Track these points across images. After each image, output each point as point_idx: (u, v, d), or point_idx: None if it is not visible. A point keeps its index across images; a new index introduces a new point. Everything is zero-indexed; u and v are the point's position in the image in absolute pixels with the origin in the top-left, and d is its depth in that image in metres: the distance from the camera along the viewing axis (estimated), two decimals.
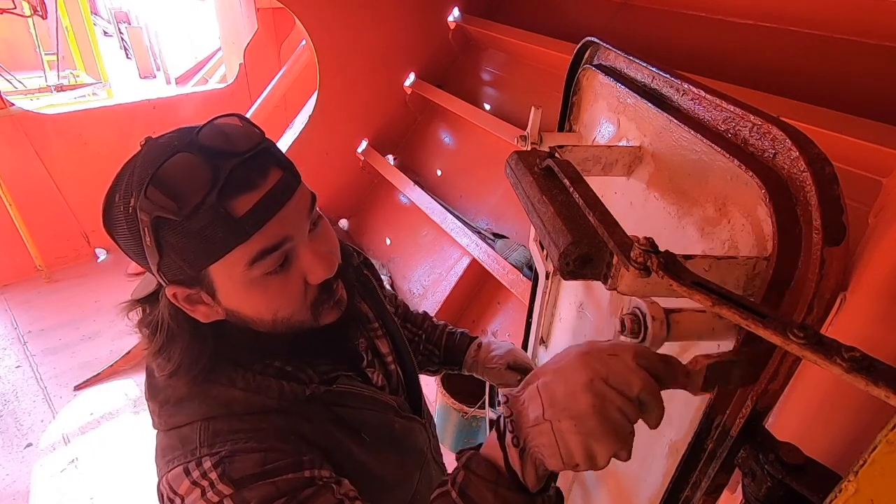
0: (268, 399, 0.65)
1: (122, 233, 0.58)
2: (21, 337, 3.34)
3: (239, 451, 0.60)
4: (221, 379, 0.64)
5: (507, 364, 1.08)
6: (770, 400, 0.51)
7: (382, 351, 0.87)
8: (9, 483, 2.46)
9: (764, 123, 0.54)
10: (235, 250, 0.56)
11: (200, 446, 0.61)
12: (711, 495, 0.59)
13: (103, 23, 10.48)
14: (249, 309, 0.63)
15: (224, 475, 0.58)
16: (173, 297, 0.61)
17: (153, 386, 0.68)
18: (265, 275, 0.60)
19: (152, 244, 0.55)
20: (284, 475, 0.60)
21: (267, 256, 0.58)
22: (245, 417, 0.63)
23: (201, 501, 0.58)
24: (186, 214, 0.53)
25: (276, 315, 0.64)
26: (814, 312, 0.46)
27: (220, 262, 0.57)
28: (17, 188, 3.55)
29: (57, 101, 5.40)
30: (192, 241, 0.55)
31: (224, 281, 0.60)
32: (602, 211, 0.50)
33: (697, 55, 1.81)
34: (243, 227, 0.56)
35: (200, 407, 0.63)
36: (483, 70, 2.84)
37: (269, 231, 0.57)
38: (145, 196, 0.53)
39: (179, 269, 0.58)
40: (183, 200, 0.53)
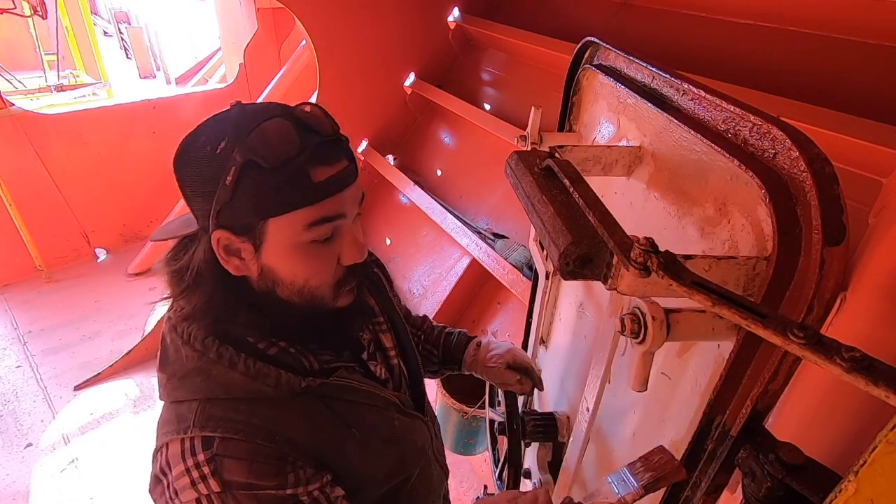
0: (265, 386, 0.67)
1: (195, 171, 0.63)
2: (21, 337, 3.35)
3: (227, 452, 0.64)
4: (224, 361, 0.67)
5: (506, 363, 1.08)
6: (770, 400, 0.51)
7: (386, 345, 0.89)
8: (9, 483, 2.46)
9: (764, 123, 0.54)
10: (302, 210, 0.63)
11: (193, 426, 0.65)
12: (711, 495, 0.59)
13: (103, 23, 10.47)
14: (286, 270, 0.67)
15: (216, 473, 0.62)
16: (217, 241, 0.65)
17: (165, 357, 0.71)
18: (312, 242, 0.66)
19: (231, 184, 0.60)
20: (268, 490, 0.63)
21: (323, 224, 0.65)
22: (240, 407, 0.66)
23: (190, 490, 0.62)
24: (275, 166, 0.60)
25: (306, 283, 0.68)
26: (814, 312, 0.46)
27: (284, 217, 0.63)
28: (17, 188, 3.55)
29: (57, 101, 5.39)
30: (270, 190, 0.61)
31: (276, 236, 0.64)
32: (602, 211, 0.50)
33: (697, 55, 1.81)
34: (317, 192, 0.63)
35: (202, 385, 0.67)
36: (483, 70, 2.84)
37: (332, 203, 0.64)
38: (246, 140, 0.60)
39: (243, 215, 0.63)
40: (276, 153, 0.60)
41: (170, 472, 0.65)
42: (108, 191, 4.03)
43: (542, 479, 1.16)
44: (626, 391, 0.86)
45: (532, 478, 1.23)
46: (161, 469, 0.66)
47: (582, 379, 1.02)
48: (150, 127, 4.10)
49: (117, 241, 4.22)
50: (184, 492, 0.63)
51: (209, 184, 0.62)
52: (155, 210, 4.20)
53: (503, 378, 1.08)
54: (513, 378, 1.07)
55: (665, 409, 0.74)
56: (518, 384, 1.07)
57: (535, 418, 1.15)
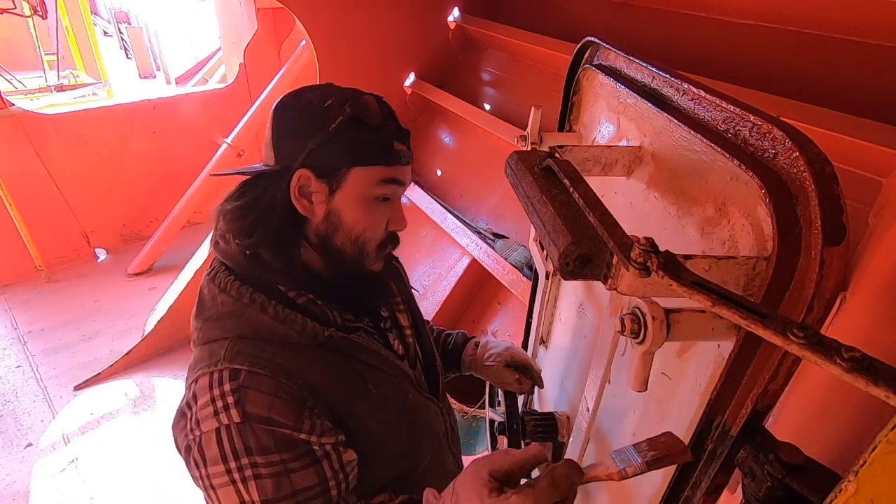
0: (291, 331, 0.73)
1: (298, 116, 0.75)
2: (21, 337, 3.34)
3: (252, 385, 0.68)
4: (256, 305, 0.73)
5: (504, 362, 1.08)
6: (770, 400, 0.51)
7: (403, 323, 0.94)
8: (9, 483, 2.46)
9: (764, 123, 0.54)
10: (381, 167, 0.76)
11: (223, 359, 0.70)
12: (711, 495, 0.59)
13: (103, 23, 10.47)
14: (351, 216, 0.76)
15: (238, 403, 0.66)
16: (297, 178, 0.74)
17: (201, 306, 0.77)
18: (376, 198, 0.77)
19: (334, 130, 0.73)
20: (285, 429, 0.67)
21: (389, 184, 0.77)
22: (266, 347, 0.72)
23: (212, 419, 0.67)
24: (373, 125, 0.75)
25: (363, 232, 0.77)
26: (814, 312, 0.46)
27: (366, 169, 0.75)
28: (17, 188, 3.55)
29: (57, 101, 5.40)
30: (364, 143, 0.74)
31: (354, 184, 0.75)
32: (602, 211, 0.50)
33: (697, 55, 1.81)
34: (394, 157, 0.77)
35: (234, 325, 0.73)
36: (483, 70, 2.84)
37: (400, 171, 0.78)
38: (355, 101, 0.74)
39: (333, 158, 0.74)
40: (376, 117, 0.76)
41: (195, 403, 0.69)
42: (108, 191, 4.03)
43: None
44: (626, 391, 0.86)
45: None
46: (187, 402, 0.70)
47: (582, 379, 1.02)
48: (150, 127, 4.10)
49: (117, 241, 4.22)
50: (205, 421, 0.67)
51: (309, 128, 0.73)
52: (155, 210, 4.20)
53: (501, 377, 1.08)
54: (511, 377, 1.07)
55: (665, 409, 0.74)
56: (516, 383, 1.08)
57: (535, 418, 1.15)
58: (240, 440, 0.66)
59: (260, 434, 0.66)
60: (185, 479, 0.74)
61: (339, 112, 0.73)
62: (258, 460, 0.66)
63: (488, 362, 1.09)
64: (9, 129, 3.50)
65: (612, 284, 0.48)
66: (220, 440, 0.66)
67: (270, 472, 0.66)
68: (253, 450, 0.66)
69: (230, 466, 0.66)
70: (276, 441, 0.67)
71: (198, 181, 4.00)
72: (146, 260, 3.96)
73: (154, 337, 3.13)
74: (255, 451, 0.66)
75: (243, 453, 0.66)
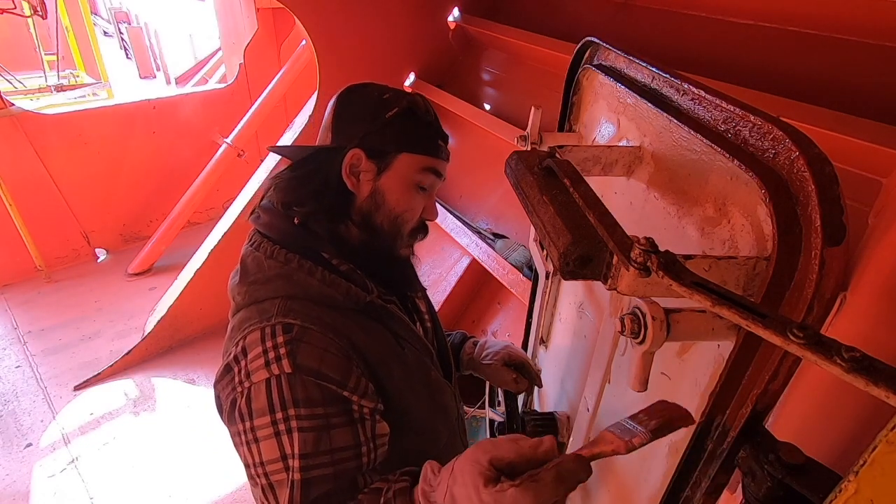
0: (336, 294, 0.79)
1: (359, 104, 0.84)
2: (21, 337, 3.34)
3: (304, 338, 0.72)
4: (304, 269, 0.78)
5: (502, 361, 1.08)
6: (770, 400, 0.51)
7: (421, 309, 1.01)
8: (9, 483, 2.46)
9: (764, 123, 0.54)
10: (426, 157, 0.84)
11: (276, 315, 0.74)
12: (711, 495, 0.59)
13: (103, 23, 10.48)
14: (394, 196, 0.83)
15: (291, 354, 0.70)
16: (350, 156, 0.82)
17: (245, 272, 0.81)
18: (417, 185, 0.85)
19: (389, 118, 0.82)
20: (332, 384, 0.71)
21: (431, 173, 0.85)
22: (315, 307, 0.76)
23: (263, 370, 0.69)
24: (424, 121, 0.85)
25: (403, 213, 0.84)
26: (814, 312, 0.46)
27: (413, 156, 0.83)
28: (17, 188, 3.55)
29: (57, 101, 5.39)
30: (415, 133, 0.84)
31: (401, 167, 0.83)
32: (602, 211, 0.50)
33: (697, 55, 1.80)
34: (438, 150, 0.87)
35: (284, 286, 0.77)
36: (483, 70, 2.84)
37: (441, 164, 0.87)
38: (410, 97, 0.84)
39: (385, 142, 0.82)
40: (428, 113, 0.86)
41: (244, 357, 0.72)
42: (108, 191, 4.03)
43: None
44: (626, 391, 0.86)
45: None
46: (235, 357, 0.73)
47: (582, 379, 1.02)
48: (150, 127, 4.10)
49: (117, 241, 4.22)
50: (256, 372, 0.70)
51: (367, 114, 0.82)
52: (155, 210, 4.20)
53: (499, 376, 1.08)
54: (509, 376, 1.08)
55: None
56: (514, 383, 1.08)
57: (535, 418, 1.15)
58: (289, 391, 0.68)
59: (309, 386, 0.69)
60: (185, 478, 0.74)
61: (396, 103, 0.82)
62: (303, 412, 0.68)
63: (486, 361, 1.09)
64: (9, 129, 3.50)
65: (612, 284, 0.48)
66: (269, 390, 0.68)
67: (313, 426, 0.69)
68: (300, 401, 0.68)
69: (276, 417, 0.68)
70: (322, 394, 0.70)
71: (198, 181, 4.00)
72: (146, 260, 3.96)
73: (154, 337, 3.13)
74: (301, 403, 0.68)
75: (290, 404, 0.68)
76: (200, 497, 2.34)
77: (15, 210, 3.53)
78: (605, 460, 0.96)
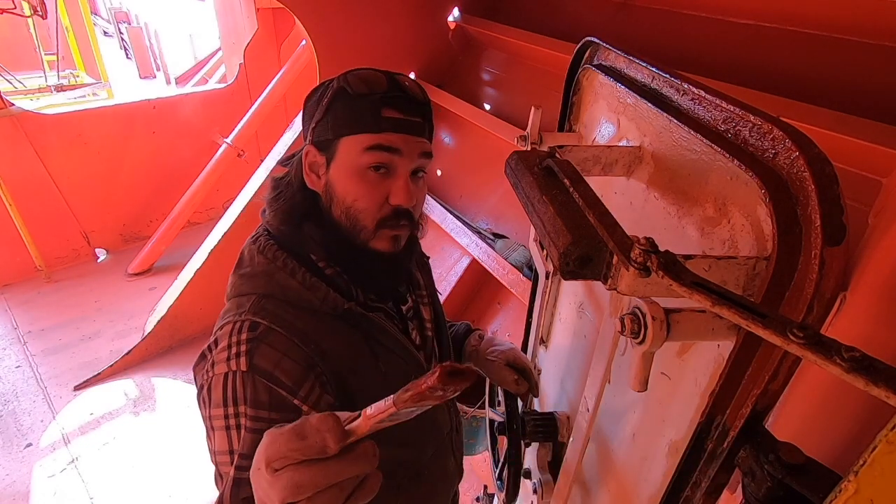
0: (314, 298, 0.77)
1: (312, 99, 0.82)
2: (21, 337, 3.35)
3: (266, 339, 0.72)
4: (287, 269, 0.78)
5: (506, 360, 1.08)
6: (770, 400, 0.51)
7: (424, 316, 0.97)
8: (9, 483, 2.46)
9: (764, 123, 0.54)
10: (366, 134, 0.76)
11: (247, 311, 0.75)
12: (711, 495, 0.59)
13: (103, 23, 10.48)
14: (341, 187, 0.79)
15: (249, 353, 0.70)
16: (305, 155, 0.80)
17: (240, 263, 0.83)
18: (366, 167, 0.77)
19: (325, 104, 0.78)
20: (283, 389, 0.70)
21: (377, 150, 0.76)
22: (289, 309, 0.76)
23: (224, 364, 0.71)
24: (355, 94, 0.77)
25: (353, 203, 0.78)
26: (814, 312, 0.46)
27: (352, 138, 0.77)
28: (17, 188, 3.55)
29: (57, 101, 5.39)
30: (348, 113, 0.77)
31: (343, 154, 0.78)
32: (602, 211, 0.50)
33: (697, 55, 1.80)
34: (380, 122, 0.76)
35: (263, 284, 0.78)
36: (483, 70, 2.84)
37: (391, 137, 0.77)
38: (344, 77, 0.79)
39: (326, 131, 0.78)
40: (360, 87, 0.77)
41: (215, 347, 0.73)
42: (108, 191, 4.03)
43: (542, 479, 1.16)
44: (626, 391, 0.86)
45: (532, 478, 1.23)
46: (209, 345, 0.75)
47: (582, 379, 1.02)
48: (150, 127, 4.10)
49: (117, 241, 4.23)
50: (218, 365, 0.71)
51: (313, 107, 0.80)
52: (155, 210, 4.20)
53: (501, 374, 1.08)
54: (511, 376, 1.07)
55: (665, 409, 0.74)
56: (515, 383, 1.08)
57: (535, 418, 1.15)
58: (241, 388, 0.69)
59: (259, 387, 0.69)
60: (185, 478, 0.75)
61: (331, 86, 0.79)
62: (249, 412, 0.69)
63: (490, 356, 1.09)
64: (9, 129, 3.50)
65: (612, 284, 0.48)
66: (225, 385, 0.70)
67: (256, 427, 0.68)
68: (249, 400, 0.69)
69: (228, 412, 0.69)
70: (270, 398, 0.69)
71: (198, 181, 4.00)
72: (146, 260, 3.96)
73: (154, 337, 3.13)
74: (249, 403, 0.69)
75: (241, 401, 0.69)
76: (200, 497, 2.35)
77: (15, 210, 3.53)
78: (605, 459, 0.96)
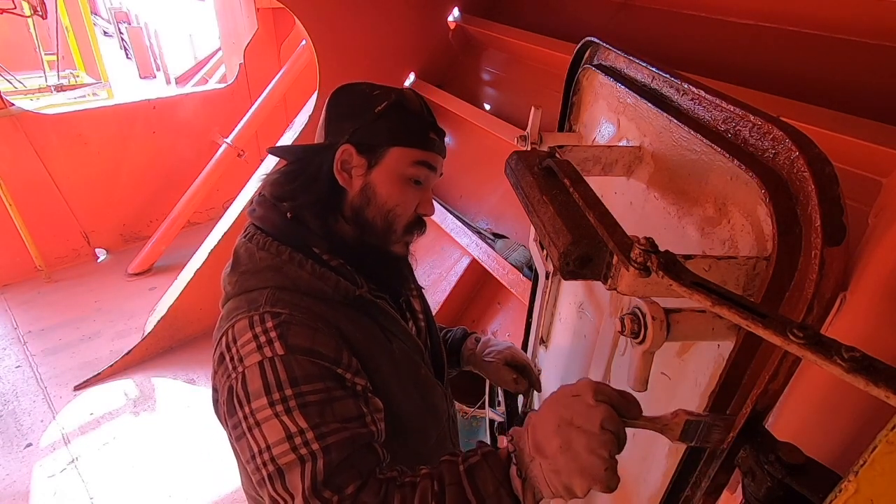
0: (325, 286, 0.79)
1: (349, 101, 0.85)
2: (21, 337, 3.34)
3: (294, 321, 0.73)
4: (294, 262, 0.79)
5: (504, 360, 1.08)
6: (770, 400, 0.51)
7: (416, 307, 1.01)
8: (9, 483, 2.46)
9: (764, 123, 0.54)
10: (416, 150, 0.84)
11: (264, 304, 0.74)
12: (711, 495, 0.59)
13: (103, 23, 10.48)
14: (385, 191, 0.83)
15: (282, 337, 0.71)
16: (341, 152, 0.82)
17: (237, 262, 0.83)
18: (409, 178, 0.84)
19: (379, 112, 0.82)
20: (326, 362, 0.72)
21: (423, 166, 0.84)
22: (304, 299, 0.77)
23: (255, 354, 0.70)
24: (415, 114, 0.85)
25: (394, 208, 0.84)
26: (814, 312, 0.46)
27: (403, 149, 0.83)
28: (17, 188, 3.55)
29: (57, 101, 5.39)
30: (405, 126, 0.83)
31: (392, 161, 0.82)
32: (602, 211, 0.50)
33: (697, 55, 1.80)
34: (429, 144, 0.85)
35: (273, 277, 0.78)
36: (483, 70, 2.84)
37: (433, 157, 0.86)
38: (401, 92, 0.85)
39: (375, 137, 0.82)
40: (417, 107, 0.85)
41: (235, 344, 0.72)
42: (108, 191, 4.03)
43: None
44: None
45: None
46: (226, 345, 0.74)
47: None
48: (150, 127, 4.10)
49: (117, 241, 4.22)
50: (248, 356, 0.70)
51: (357, 110, 0.83)
52: (155, 210, 4.20)
53: (499, 375, 1.08)
54: (509, 375, 1.07)
55: (665, 409, 0.74)
56: (514, 383, 1.08)
57: None
58: (284, 371, 0.69)
59: (304, 364, 0.70)
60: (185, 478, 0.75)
61: (385, 98, 0.83)
62: (303, 389, 0.69)
63: (488, 358, 1.09)
64: (9, 129, 3.50)
65: (612, 284, 0.48)
66: (263, 372, 0.69)
67: (316, 399, 0.69)
68: (298, 379, 0.69)
69: (274, 398, 0.68)
70: (320, 370, 0.70)
71: (198, 181, 4.00)
72: (146, 260, 3.96)
73: (154, 337, 3.13)
74: (300, 380, 0.69)
75: (288, 384, 0.68)
76: (200, 497, 2.34)
77: (15, 210, 3.53)
78: None
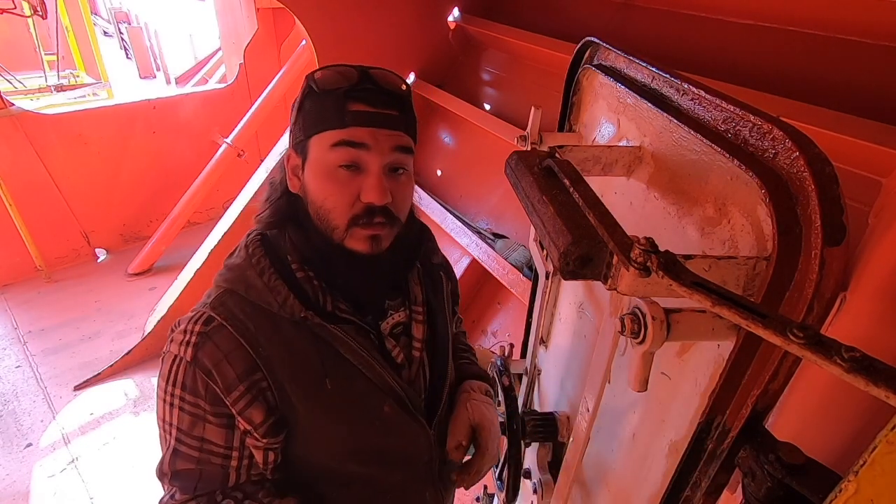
0: (273, 301, 0.76)
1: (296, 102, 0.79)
2: (21, 337, 3.34)
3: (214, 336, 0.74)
4: (257, 268, 0.78)
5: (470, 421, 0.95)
6: (770, 400, 0.51)
7: (415, 335, 0.88)
8: (9, 483, 2.46)
9: (764, 123, 0.54)
10: (332, 131, 0.73)
11: (209, 304, 0.77)
12: (711, 495, 0.59)
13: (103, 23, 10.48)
14: (313, 187, 0.77)
15: (197, 346, 0.74)
16: (287, 159, 0.80)
17: (231, 252, 0.84)
18: (336, 165, 0.74)
19: (298, 105, 0.77)
20: (217, 387, 0.73)
21: (345, 146, 0.73)
22: (246, 308, 0.76)
23: (176, 346, 0.75)
24: (321, 91, 0.74)
25: (323, 203, 0.76)
26: (814, 312, 0.46)
27: (318, 136, 0.75)
28: (17, 188, 3.55)
29: (57, 101, 5.40)
30: (314, 110, 0.75)
31: (313, 153, 0.76)
32: (602, 211, 0.50)
33: (697, 55, 1.80)
34: (345, 118, 0.73)
35: (233, 279, 0.79)
36: (483, 70, 2.84)
37: (358, 132, 0.73)
38: (312, 74, 0.76)
39: (299, 132, 0.77)
40: (325, 84, 0.75)
41: (177, 327, 0.78)
42: (108, 191, 4.03)
43: (542, 479, 1.16)
44: (626, 391, 0.86)
45: (532, 478, 1.23)
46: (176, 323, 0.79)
47: (582, 379, 1.02)
48: (150, 127, 4.10)
49: (117, 241, 4.23)
50: (172, 344, 0.76)
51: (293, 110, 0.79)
52: (155, 210, 4.20)
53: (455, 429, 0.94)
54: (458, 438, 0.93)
55: (665, 409, 0.74)
56: (454, 449, 0.93)
57: (535, 418, 1.15)
58: (182, 374, 0.74)
59: (199, 379, 0.74)
60: None
61: (303, 87, 0.77)
62: (187, 397, 0.75)
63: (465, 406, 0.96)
64: (9, 129, 3.50)
65: (612, 284, 0.48)
66: (172, 366, 0.75)
67: (191, 412, 0.75)
68: (188, 387, 0.74)
69: (167, 389, 0.75)
70: (206, 391, 0.74)
71: (198, 181, 4.00)
72: (146, 260, 3.96)
73: (154, 337, 3.13)
74: (188, 389, 0.74)
75: (179, 386, 0.75)
76: None
77: (15, 210, 3.53)
78: (605, 459, 0.96)
